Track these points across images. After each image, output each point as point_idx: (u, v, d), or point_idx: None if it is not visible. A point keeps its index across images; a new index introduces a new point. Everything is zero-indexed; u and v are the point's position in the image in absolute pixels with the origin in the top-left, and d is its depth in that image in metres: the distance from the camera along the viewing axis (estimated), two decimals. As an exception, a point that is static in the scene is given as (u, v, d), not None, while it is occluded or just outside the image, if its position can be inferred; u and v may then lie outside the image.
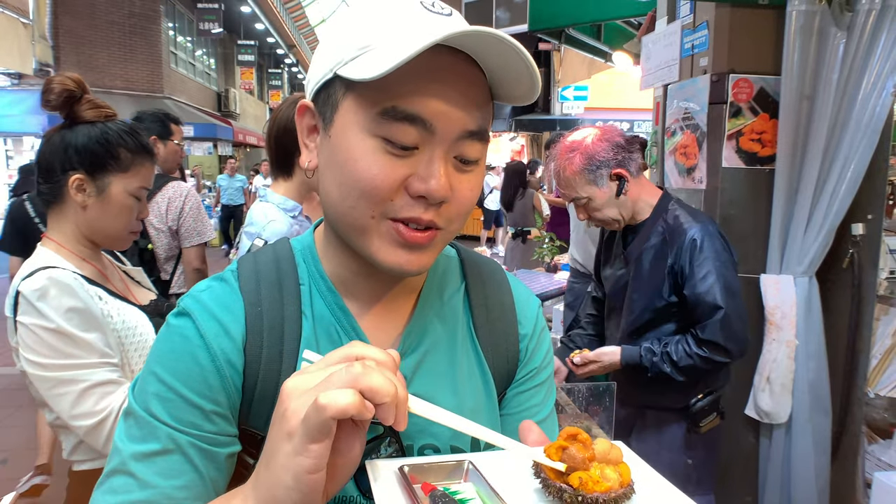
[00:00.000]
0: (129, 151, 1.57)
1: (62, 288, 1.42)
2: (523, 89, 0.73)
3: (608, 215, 2.18)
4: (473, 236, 13.38)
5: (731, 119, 2.56)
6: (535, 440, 0.67)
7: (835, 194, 2.44)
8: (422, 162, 0.69)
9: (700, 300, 2.04)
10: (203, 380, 0.72)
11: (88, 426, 1.40)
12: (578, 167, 2.13)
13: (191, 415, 0.71)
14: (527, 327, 0.91)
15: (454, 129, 0.69)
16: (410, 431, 0.77)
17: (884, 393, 2.83)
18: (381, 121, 0.68)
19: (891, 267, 2.93)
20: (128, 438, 0.72)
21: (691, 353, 2.05)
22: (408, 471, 0.58)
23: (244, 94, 25.12)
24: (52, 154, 1.53)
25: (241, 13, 21.86)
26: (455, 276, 0.90)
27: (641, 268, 2.19)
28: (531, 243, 7.22)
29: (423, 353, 0.81)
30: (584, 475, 0.55)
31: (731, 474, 2.72)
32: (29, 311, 1.40)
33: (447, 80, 0.69)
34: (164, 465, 0.70)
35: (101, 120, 1.57)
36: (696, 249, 2.05)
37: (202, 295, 0.78)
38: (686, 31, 2.76)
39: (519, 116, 13.85)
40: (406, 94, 0.67)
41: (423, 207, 0.70)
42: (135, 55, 16.27)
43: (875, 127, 2.38)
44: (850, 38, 2.36)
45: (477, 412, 0.83)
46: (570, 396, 2.24)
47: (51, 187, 1.54)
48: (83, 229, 1.56)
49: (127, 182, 1.58)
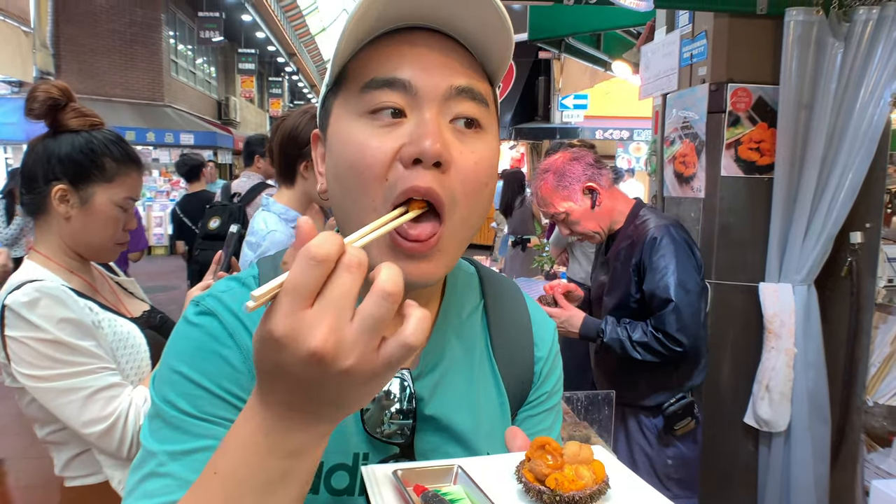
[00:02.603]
0: (114, 161, 1.52)
1: (53, 298, 1.38)
2: (500, 40, 0.70)
3: (588, 228, 2.33)
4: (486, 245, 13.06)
5: (730, 128, 2.58)
6: (520, 446, 0.68)
7: (833, 203, 2.45)
8: (410, 126, 0.66)
9: (655, 294, 2.15)
10: (233, 377, 0.70)
11: (100, 431, 1.38)
12: (552, 185, 2.31)
13: (223, 410, 0.69)
14: (543, 350, 0.89)
15: (438, 86, 0.67)
16: (425, 451, 0.76)
17: (883, 401, 2.83)
18: (364, 96, 0.68)
19: (889, 275, 2.93)
20: (158, 441, 0.68)
21: (647, 331, 2.16)
22: (401, 474, 0.60)
23: (244, 102, 25.16)
24: (35, 164, 1.48)
25: (241, 22, 21.93)
26: (474, 293, 0.88)
27: (615, 270, 2.32)
28: (531, 251, 7.22)
29: (442, 373, 0.79)
30: (559, 476, 0.58)
31: (730, 482, 2.71)
32: (18, 325, 1.36)
33: (422, 45, 0.69)
34: (204, 461, 0.65)
35: (86, 129, 1.52)
36: (655, 247, 2.17)
37: (223, 295, 0.75)
38: (685, 41, 2.78)
39: (518, 125, 13.88)
40: (382, 63, 0.68)
41: (421, 173, 0.65)
42: (135, 63, 16.32)
43: (873, 136, 2.39)
44: (848, 47, 2.38)
45: (492, 435, 0.81)
46: (568, 405, 2.24)
47: (33, 198, 1.50)
48: (68, 241, 1.52)
49: (112, 192, 1.52)
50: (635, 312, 2.24)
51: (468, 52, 0.72)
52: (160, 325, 1.68)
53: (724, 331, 2.67)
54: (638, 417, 2.34)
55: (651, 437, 2.31)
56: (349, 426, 0.74)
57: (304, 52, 32.26)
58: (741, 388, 2.64)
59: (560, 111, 13.65)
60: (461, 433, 0.78)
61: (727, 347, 2.68)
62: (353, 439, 0.74)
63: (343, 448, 0.73)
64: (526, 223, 7.65)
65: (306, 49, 32.83)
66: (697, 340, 2.13)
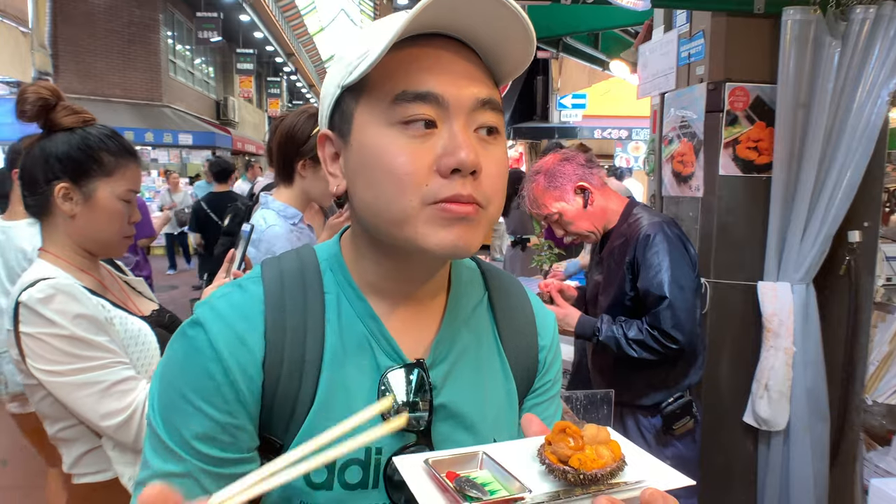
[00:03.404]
0: (111, 155, 1.52)
1: (67, 295, 1.40)
2: (519, 53, 0.75)
3: (582, 228, 2.32)
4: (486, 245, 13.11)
5: (728, 127, 2.58)
6: (536, 431, 0.70)
7: (831, 202, 2.45)
8: (444, 138, 0.70)
9: (649, 291, 2.14)
10: (217, 392, 0.71)
11: (117, 424, 1.40)
12: (543, 185, 2.31)
13: (208, 428, 0.71)
14: (545, 339, 0.93)
15: (467, 99, 0.71)
16: (436, 440, 0.78)
17: (882, 400, 2.83)
18: (396, 107, 0.70)
19: (887, 274, 2.94)
20: (152, 452, 0.72)
21: (642, 328, 2.15)
22: (432, 462, 0.64)
23: (243, 102, 25.15)
24: (34, 166, 1.48)
25: (239, 22, 21.92)
26: (478, 286, 0.91)
27: (608, 269, 2.31)
28: (531, 251, 7.22)
29: (453, 362, 0.82)
30: (581, 456, 0.61)
31: (729, 482, 2.72)
32: (34, 321, 1.38)
33: (447, 57, 0.72)
34: (177, 488, 0.70)
35: (80, 126, 1.52)
36: (648, 244, 2.16)
37: (218, 302, 0.76)
38: (682, 40, 2.78)
39: (517, 124, 13.87)
40: (412, 76, 0.70)
41: (461, 181, 0.69)
42: (134, 64, 16.31)
43: (870, 135, 2.39)
44: (845, 46, 2.38)
45: (498, 421, 0.85)
46: (568, 404, 2.24)
47: (37, 199, 1.51)
48: (75, 239, 1.53)
49: (113, 186, 1.53)
50: (630, 311, 2.24)
51: (481, 59, 0.75)
52: (169, 324, 1.70)
53: (722, 330, 2.68)
54: (636, 417, 2.34)
55: (649, 438, 2.31)
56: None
57: (303, 52, 32.26)
58: (740, 387, 2.64)
59: (558, 111, 13.64)
60: (470, 420, 0.81)
61: (726, 346, 2.69)
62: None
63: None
64: (525, 223, 7.64)
65: (304, 49, 32.83)
66: (693, 337, 2.13)
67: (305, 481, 0.74)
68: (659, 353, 2.13)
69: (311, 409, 0.74)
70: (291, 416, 0.75)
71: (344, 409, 0.74)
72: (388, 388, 0.75)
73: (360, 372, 0.77)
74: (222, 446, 0.72)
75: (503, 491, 0.61)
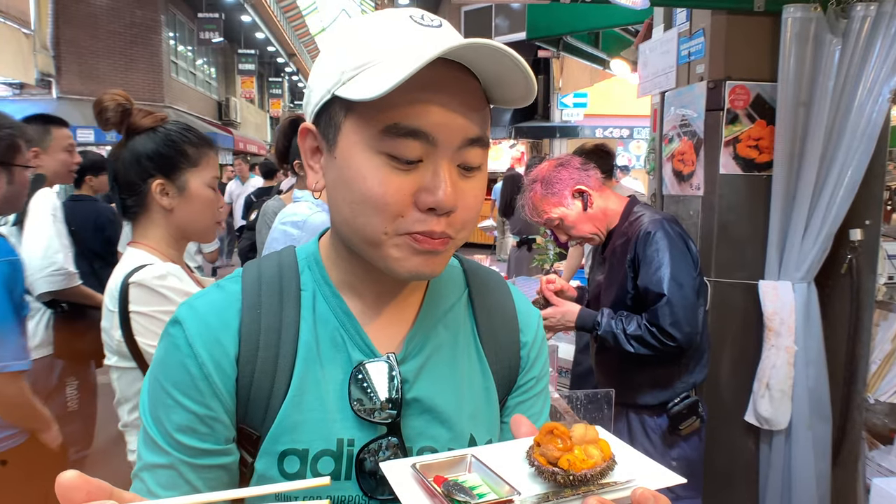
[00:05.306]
0: (193, 146, 1.61)
1: (177, 275, 1.50)
2: (519, 93, 0.75)
3: (584, 231, 2.33)
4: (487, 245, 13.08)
5: (728, 126, 2.57)
6: (525, 432, 0.71)
7: (832, 200, 2.44)
8: (427, 174, 0.71)
9: (648, 288, 2.15)
10: (194, 386, 0.75)
11: None
12: (541, 193, 2.32)
13: (187, 420, 0.75)
14: (528, 335, 0.93)
15: (456, 138, 0.71)
16: (410, 434, 0.79)
17: (884, 398, 2.82)
18: (385, 138, 0.70)
19: (889, 272, 2.93)
20: (143, 445, 0.78)
21: (641, 324, 2.15)
22: (420, 467, 0.64)
23: (245, 102, 25.18)
24: (128, 169, 1.57)
25: (241, 22, 21.95)
26: (458, 283, 0.92)
27: (611, 268, 2.32)
28: (537, 251, 7.22)
29: (426, 356, 0.83)
30: (570, 457, 0.61)
31: (731, 481, 2.71)
32: (148, 299, 1.45)
33: (445, 90, 0.70)
34: (163, 478, 0.75)
35: (157, 125, 1.61)
36: (648, 241, 2.16)
37: (197, 301, 0.80)
38: (682, 39, 2.78)
39: (518, 124, 13.88)
40: (406, 109, 0.69)
41: (435, 219, 0.72)
42: (136, 64, 16.32)
43: (871, 133, 2.38)
44: (846, 44, 2.37)
45: (476, 417, 0.85)
46: (568, 404, 2.24)
47: (136, 199, 1.59)
48: (173, 231, 1.61)
49: (201, 175, 1.62)
50: (631, 309, 2.24)
51: (480, 85, 0.74)
52: None
53: (723, 329, 2.67)
54: (641, 418, 2.32)
55: (655, 439, 2.29)
56: (332, 413, 0.78)
57: (304, 53, 32.28)
58: (741, 386, 2.63)
59: (560, 109, 13.66)
60: (445, 414, 0.82)
61: (727, 345, 2.68)
62: (336, 426, 0.77)
63: (326, 434, 0.77)
64: (530, 223, 7.63)
65: (306, 49, 32.85)
66: (693, 335, 2.12)
67: (279, 472, 0.77)
68: (657, 350, 2.12)
69: (284, 402, 0.77)
70: (266, 408, 0.78)
71: (315, 402, 0.77)
72: (366, 378, 0.77)
73: (334, 366, 0.79)
74: (201, 437, 0.75)
75: (492, 494, 0.61)
